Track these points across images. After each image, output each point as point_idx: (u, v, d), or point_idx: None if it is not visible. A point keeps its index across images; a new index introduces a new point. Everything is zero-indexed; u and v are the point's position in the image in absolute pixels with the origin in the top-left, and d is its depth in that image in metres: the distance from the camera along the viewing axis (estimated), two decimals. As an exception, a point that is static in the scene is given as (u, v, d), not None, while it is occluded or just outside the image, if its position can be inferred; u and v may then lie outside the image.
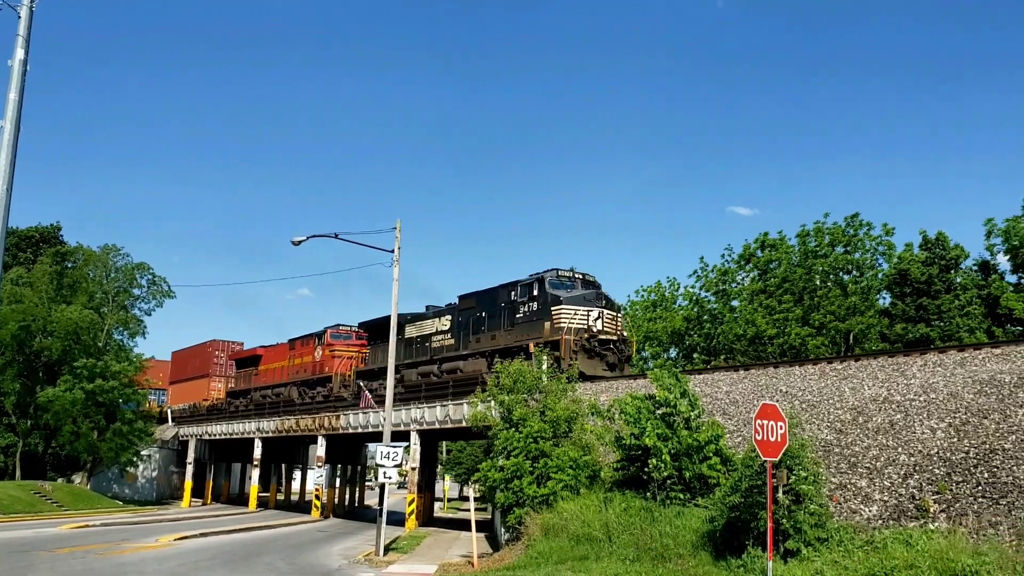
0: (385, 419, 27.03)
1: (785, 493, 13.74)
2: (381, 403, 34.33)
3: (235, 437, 52.18)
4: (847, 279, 46.94)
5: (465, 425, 29.62)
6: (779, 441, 13.33)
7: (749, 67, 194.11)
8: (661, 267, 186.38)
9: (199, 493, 56.82)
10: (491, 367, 30.87)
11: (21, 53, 11.99)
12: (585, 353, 29.48)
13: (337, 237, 27.17)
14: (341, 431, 40.84)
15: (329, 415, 42.07)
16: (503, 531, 23.34)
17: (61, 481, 50.08)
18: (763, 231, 56.75)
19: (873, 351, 36.63)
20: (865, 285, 46.33)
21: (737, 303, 51.75)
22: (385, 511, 24.48)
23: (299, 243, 26.99)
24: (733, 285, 53.34)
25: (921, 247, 44.19)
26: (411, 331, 39.95)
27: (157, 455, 58.61)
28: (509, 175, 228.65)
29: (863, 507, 14.96)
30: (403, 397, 36.66)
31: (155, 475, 58.81)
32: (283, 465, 61.30)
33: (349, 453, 54.14)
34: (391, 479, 24.52)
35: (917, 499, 14.37)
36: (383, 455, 24.52)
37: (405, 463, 30.04)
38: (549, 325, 30.63)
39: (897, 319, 42.51)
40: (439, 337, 37.80)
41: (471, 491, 30.34)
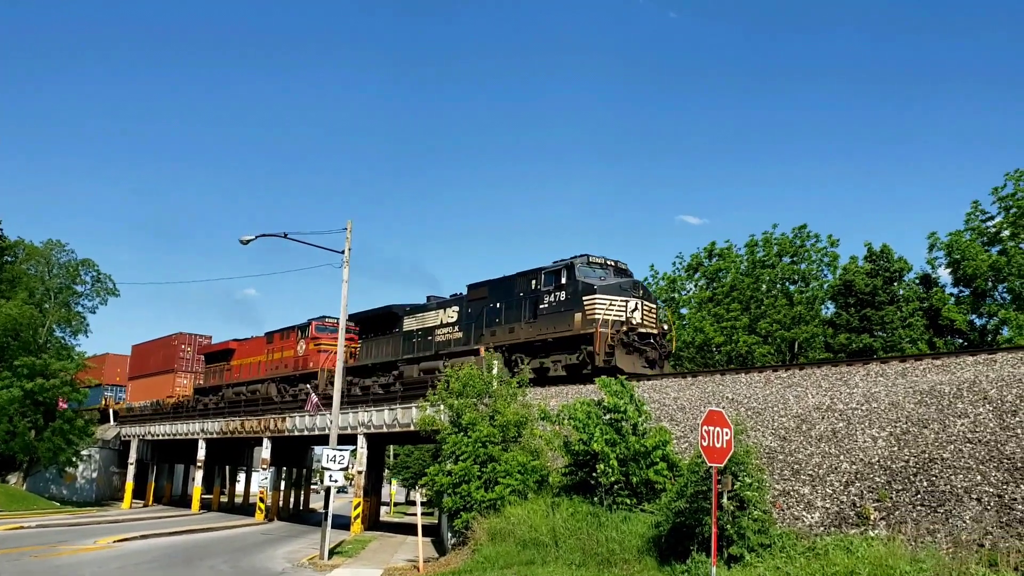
0: (332, 422, 26.74)
1: (730, 499, 13.89)
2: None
3: (179, 438, 51.10)
4: (793, 289, 47.70)
5: (413, 429, 29.25)
6: (725, 447, 13.47)
7: (701, 77, 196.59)
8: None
9: (140, 494, 55.62)
10: (508, 363, 29.54)
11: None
12: (623, 348, 26.72)
13: (286, 237, 26.84)
14: (287, 433, 40.34)
15: (275, 417, 41.53)
16: (450, 535, 23.24)
17: (-5, 481, 48.75)
18: (712, 240, 57.47)
19: (817, 360, 37.28)
20: (810, 295, 47.12)
21: (686, 311, 52.30)
22: (331, 514, 24.25)
23: (247, 242, 26.61)
24: (682, 293, 53.91)
25: (866, 259, 45.07)
26: (410, 324, 36.92)
27: (98, 455, 57.17)
28: (462, 178, 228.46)
29: (805, 514, 15.17)
30: (351, 400, 36.31)
31: (95, 476, 57.35)
32: (227, 467, 60.30)
33: (295, 456, 53.63)
34: (337, 482, 24.31)
35: (858, 506, 14.62)
36: (329, 458, 24.32)
37: (351, 466, 29.77)
38: (580, 317, 27.59)
39: (841, 329, 43.30)
40: (445, 330, 34.65)
41: (418, 495, 30.08)
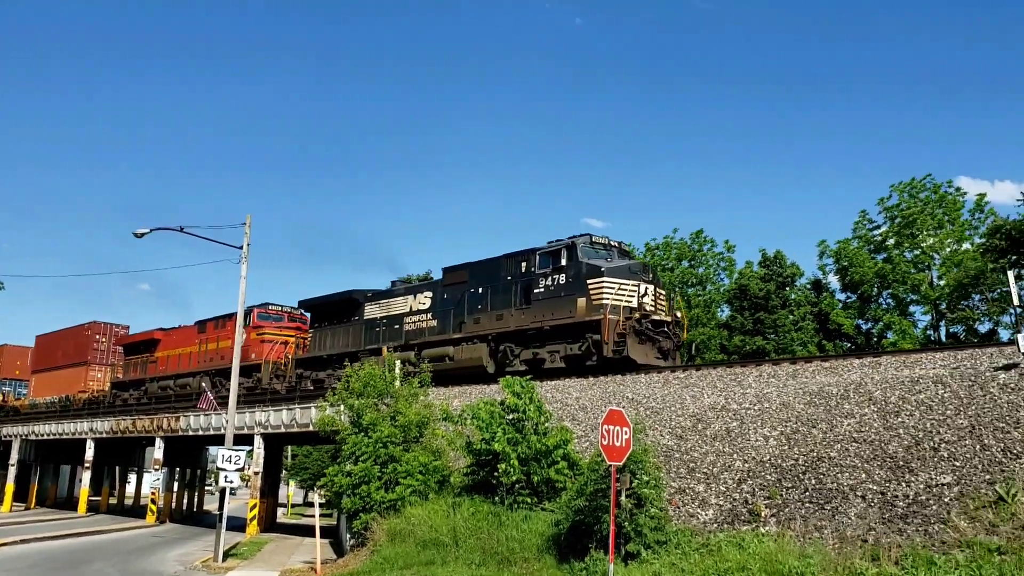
0: (228, 422, 26.09)
1: (628, 497, 14.12)
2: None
3: (64, 438, 48.84)
4: (691, 292, 48.84)
5: (312, 429, 28.70)
6: (624, 446, 13.68)
7: (605, 80, 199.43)
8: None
9: (22, 497, 52.91)
10: (496, 354, 27.96)
11: None
12: (636, 337, 24.55)
13: (182, 231, 26.12)
14: (181, 433, 39.12)
15: (168, 416, 40.22)
16: (348, 537, 22.96)
17: None
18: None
19: (713, 361, 38.25)
20: (707, 298, 48.32)
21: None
22: (226, 516, 23.67)
23: (142, 235, 25.83)
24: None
25: (760, 264, 46.53)
26: (373, 311, 34.16)
27: (-29, 456, 54.25)
28: (370, 179, 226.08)
29: (700, 511, 15.53)
30: (247, 399, 35.45)
31: (-32, 478, 54.38)
32: (117, 468, 58.00)
33: (189, 456, 51.93)
34: (233, 483, 23.76)
35: (750, 504, 15.04)
36: (225, 458, 23.77)
37: (248, 467, 29.11)
38: (585, 302, 25.33)
39: (736, 331, 44.56)
40: (416, 318, 31.91)
41: (316, 496, 29.59)
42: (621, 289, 25.04)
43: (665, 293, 26.91)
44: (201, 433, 37.71)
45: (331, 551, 25.89)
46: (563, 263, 26.40)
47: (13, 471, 51.08)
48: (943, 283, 39.10)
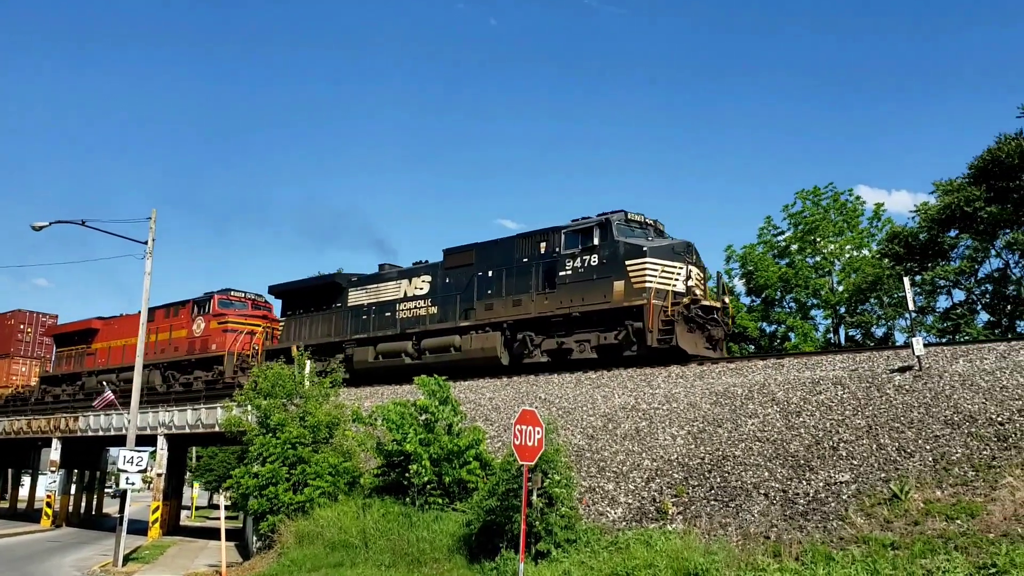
0: (130, 422, 25.29)
1: (539, 496, 14.21)
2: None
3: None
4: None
5: (218, 430, 28.04)
6: (536, 446, 13.77)
7: (519, 83, 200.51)
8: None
9: (-100, 502, 50.24)
10: (511, 344, 25.46)
11: None
12: (686, 324, 22.23)
13: (84, 224, 25.24)
14: (80, 434, 37.72)
15: (66, 416, 38.71)
16: (255, 539, 22.52)
17: None
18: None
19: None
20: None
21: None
22: (126, 519, 22.96)
23: (40, 228, 24.87)
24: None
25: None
26: (359, 297, 31.19)
27: None
28: (294, 180, 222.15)
29: (610, 509, 15.74)
30: (150, 399, 34.37)
31: None
32: (9, 470, 55.42)
33: (88, 457, 50.00)
34: (134, 485, 23.05)
35: (658, 502, 15.31)
36: (126, 460, 23.03)
37: (150, 469, 28.30)
38: (623, 285, 22.79)
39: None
40: (411, 305, 29.01)
41: (222, 498, 28.87)
42: (665, 271, 22.74)
43: (704, 276, 24.61)
44: (101, 434, 36.43)
45: (237, 554, 25.34)
46: (595, 243, 23.85)
47: None
48: (842, 288, 40.46)
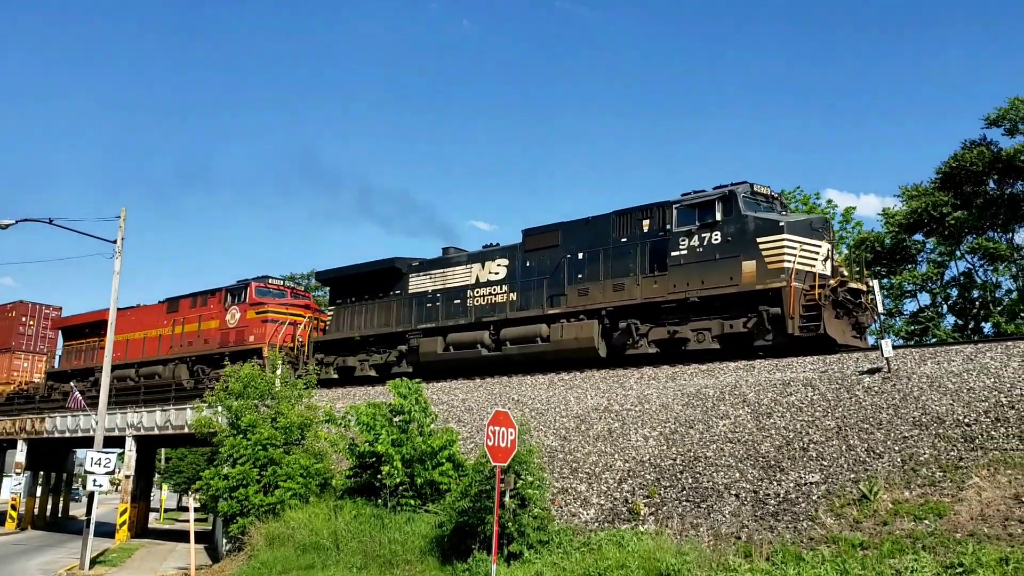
0: (98, 423, 24.99)
1: (512, 497, 14.21)
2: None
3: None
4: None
5: (188, 431, 27.72)
6: (509, 447, 13.78)
7: (492, 84, 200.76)
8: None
9: None
10: (611, 334, 22.83)
11: None
12: (833, 309, 19.76)
13: (51, 223, 24.94)
14: (46, 435, 37.19)
15: (32, 417, 38.15)
16: (225, 542, 22.32)
17: None
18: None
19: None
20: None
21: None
22: (94, 521, 22.69)
23: (6, 227, 24.56)
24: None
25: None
26: (421, 283, 28.34)
27: None
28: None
29: (582, 510, 15.78)
30: (119, 400, 33.88)
31: None
32: (-27, 473, 54.50)
33: (55, 459, 49.29)
34: (102, 487, 22.78)
35: (630, 502, 15.37)
36: (94, 461, 22.76)
37: (118, 471, 27.96)
38: (754, 266, 20.28)
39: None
40: (486, 291, 26.21)
41: (191, 501, 28.54)
42: (805, 250, 20.28)
43: (838, 255, 21.84)
44: (68, 435, 35.96)
45: (206, 556, 25.13)
46: (717, 218, 21.25)
47: None
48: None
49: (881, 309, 18.35)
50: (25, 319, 49.05)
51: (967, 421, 13.86)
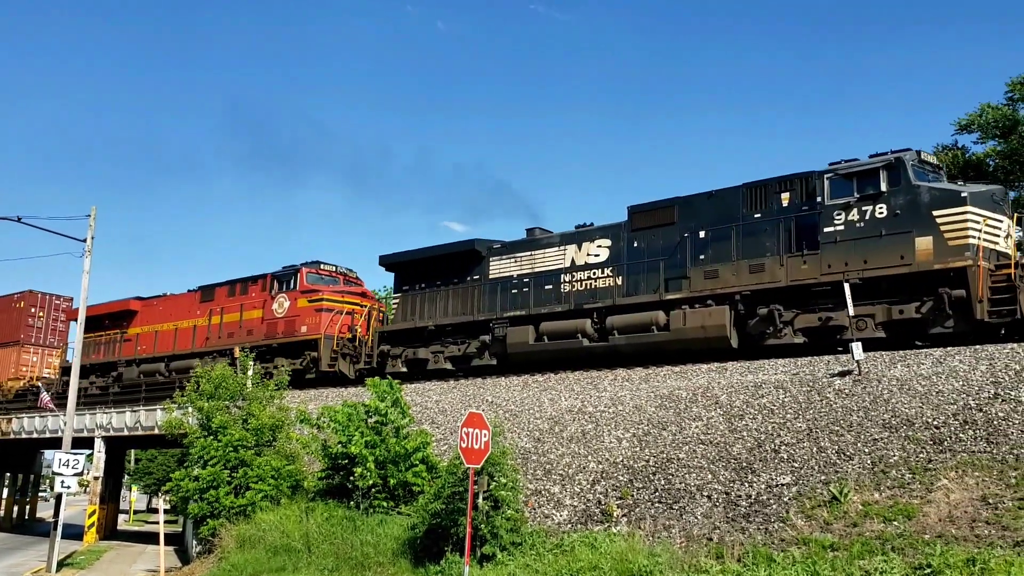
0: (66, 424, 24.69)
1: (485, 499, 14.20)
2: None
3: None
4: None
5: (158, 433, 27.40)
6: (483, 449, 13.77)
7: (468, 84, 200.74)
8: (383, 279, 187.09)
9: None
10: (745, 321, 20.47)
11: None
12: None
13: (20, 221, 24.68)
14: (13, 436, 36.67)
15: (-1, 418, 37.64)
16: (195, 543, 22.15)
17: None
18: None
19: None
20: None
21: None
22: (61, 523, 22.41)
23: (-26, 225, 24.26)
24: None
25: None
26: (503, 267, 25.82)
27: None
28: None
29: (555, 512, 15.79)
30: (87, 400, 33.46)
31: None
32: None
33: (21, 460, 48.60)
34: (70, 488, 22.51)
35: (603, 504, 15.40)
36: (62, 463, 22.49)
37: (87, 472, 27.65)
38: (930, 242, 17.95)
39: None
40: (584, 275, 23.71)
41: (161, 502, 28.24)
42: (989, 225, 18.05)
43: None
44: (36, 436, 35.49)
45: (176, 559, 24.92)
46: (881, 189, 18.87)
47: None
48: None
49: (851, 312, 18.39)
50: (34, 310, 45.25)
51: (936, 424, 14.01)
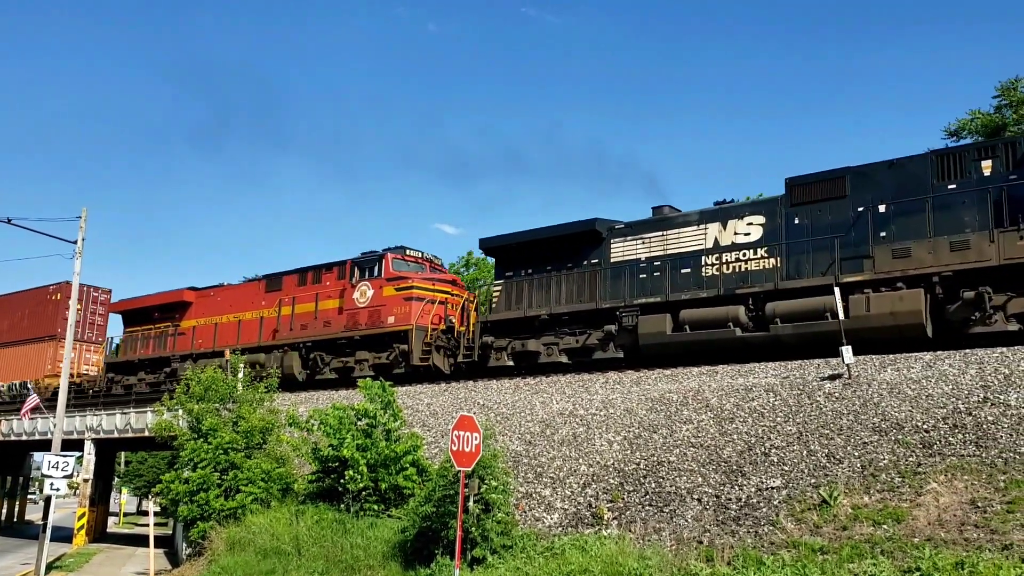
0: (56, 426, 24.59)
1: (476, 502, 14.18)
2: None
3: None
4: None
5: (148, 435, 27.21)
6: (473, 451, 13.75)
7: (460, 87, 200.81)
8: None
9: None
10: (945, 306, 18.23)
11: None
12: None
13: (9, 222, 24.62)
14: (2, 438, 36.53)
15: (-12, 420, 37.40)
16: (185, 546, 22.07)
17: None
18: (468, 250, 58.60)
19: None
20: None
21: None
22: (50, 526, 22.30)
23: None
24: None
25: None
26: (628, 248, 23.23)
27: None
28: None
29: (546, 515, 15.78)
30: (76, 403, 33.22)
31: None
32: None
33: (11, 463, 48.39)
34: (59, 491, 22.41)
35: (593, 507, 15.40)
36: (51, 465, 22.37)
37: (76, 474, 27.55)
38: None
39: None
40: (732, 256, 21.29)
41: (151, 504, 28.07)
42: None
43: None
44: (25, 438, 35.37)
45: (166, 561, 24.81)
46: None
47: None
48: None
49: (841, 316, 18.39)
50: (71, 303, 42.74)
51: (926, 427, 14.06)
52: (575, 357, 23.54)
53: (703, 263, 21.67)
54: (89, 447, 31.84)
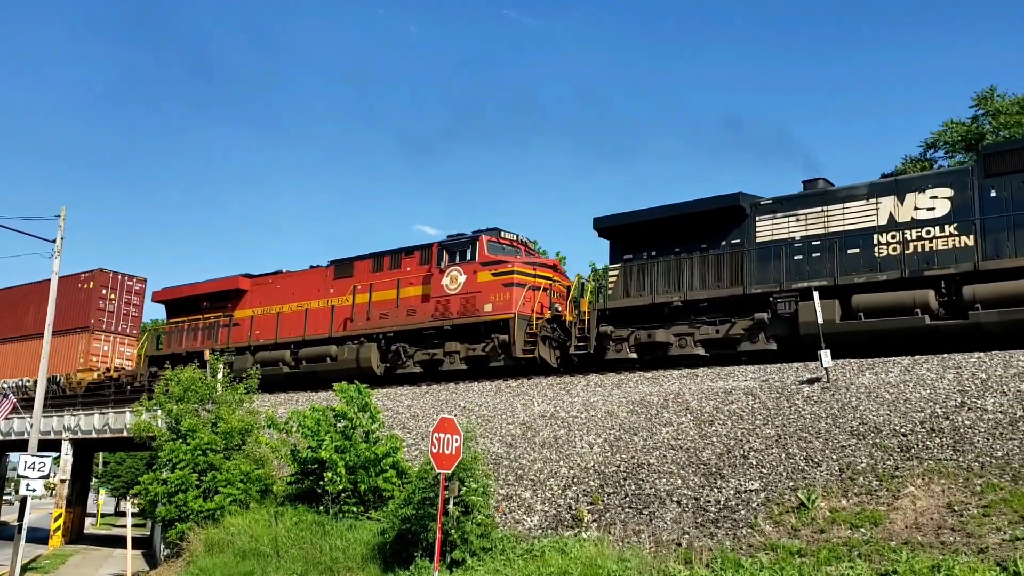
0: (32, 426, 24.37)
1: (456, 504, 14.17)
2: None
3: None
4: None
5: (127, 435, 27.06)
6: (454, 454, 13.75)
7: (448, 88, 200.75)
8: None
9: None
10: None
11: None
12: None
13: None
14: (-23, 439, 36.12)
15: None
16: (163, 547, 21.92)
17: None
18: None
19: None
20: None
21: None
22: (26, 527, 22.08)
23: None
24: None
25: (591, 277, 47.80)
26: (774, 226, 20.68)
27: None
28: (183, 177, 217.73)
29: (526, 517, 15.78)
30: (55, 403, 32.91)
31: None
32: None
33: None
34: (35, 492, 22.20)
35: (573, 509, 15.42)
36: (27, 465, 22.17)
37: (53, 475, 27.30)
38: None
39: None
40: (911, 234, 18.71)
41: (129, 505, 27.83)
42: None
43: None
44: (1, 439, 34.99)
45: (143, 563, 24.64)
46: None
47: None
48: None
49: (820, 320, 18.44)
50: (105, 291, 38.04)
51: (903, 431, 14.17)
52: (714, 349, 20.97)
53: (875, 242, 19.22)
54: (67, 447, 31.56)
